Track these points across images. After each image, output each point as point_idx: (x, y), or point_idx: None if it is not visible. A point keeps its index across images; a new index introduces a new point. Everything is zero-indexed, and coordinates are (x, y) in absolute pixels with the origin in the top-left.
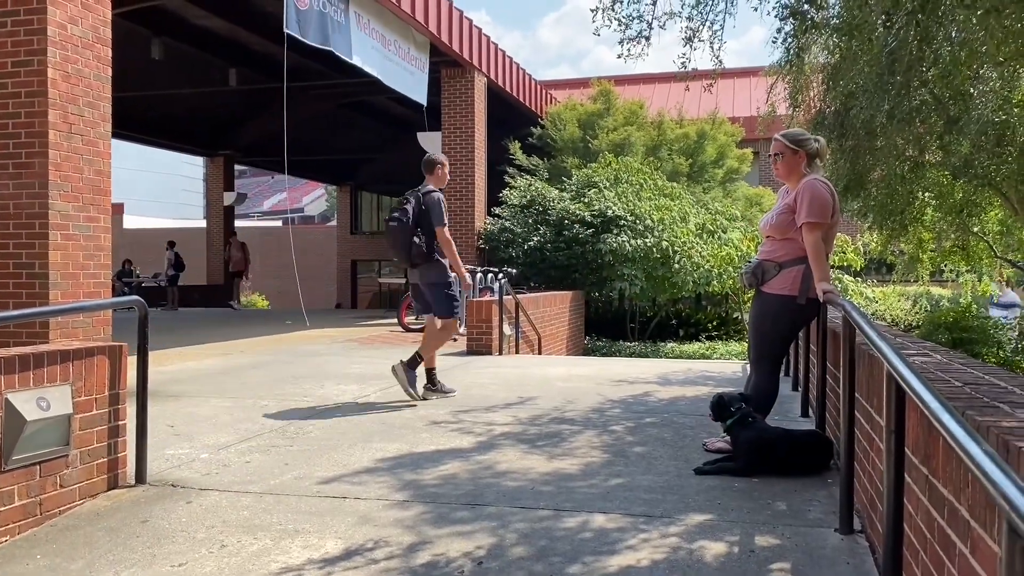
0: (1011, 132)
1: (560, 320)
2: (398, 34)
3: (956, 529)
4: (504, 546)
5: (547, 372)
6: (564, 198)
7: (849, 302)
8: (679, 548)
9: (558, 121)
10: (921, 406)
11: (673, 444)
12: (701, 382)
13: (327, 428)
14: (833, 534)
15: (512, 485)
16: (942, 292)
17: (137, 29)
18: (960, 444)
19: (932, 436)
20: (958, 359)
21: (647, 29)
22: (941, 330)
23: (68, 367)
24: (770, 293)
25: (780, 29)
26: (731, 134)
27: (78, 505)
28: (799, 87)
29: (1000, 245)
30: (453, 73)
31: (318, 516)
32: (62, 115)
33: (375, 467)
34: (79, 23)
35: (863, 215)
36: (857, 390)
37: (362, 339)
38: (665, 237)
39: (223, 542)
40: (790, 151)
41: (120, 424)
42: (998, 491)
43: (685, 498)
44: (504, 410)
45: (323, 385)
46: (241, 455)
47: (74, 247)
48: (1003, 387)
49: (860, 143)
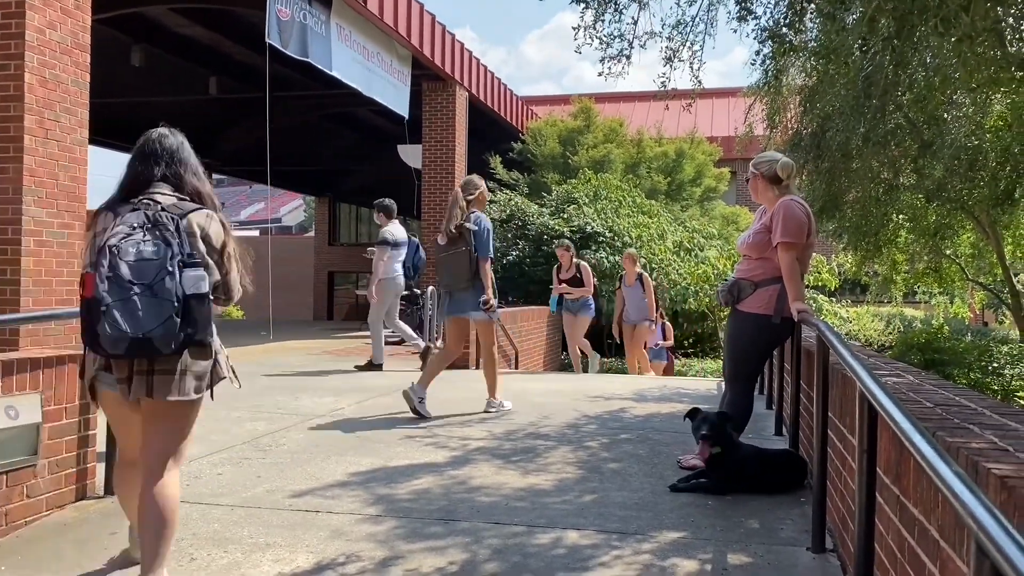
0: (983, 157)
1: (538, 335)
2: (380, 46)
3: (926, 549)
4: (477, 562)
5: (524, 387)
6: (543, 213)
7: (823, 322)
8: (652, 565)
9: (539, 137)
10: (893, 426)
11: (648, 461)
12: (676, 399)
13: (301, 441)
14: (805, 553)
15: (486, 500)
16: (915, 313)
17: (117, 36)
18: (931, 464)
19: (903, 456)
20: (930, 380)
21: (628, 48)
22: (913, 351)
23: (38, 375)
24: (746, 311)
25: (759, 51)
26: (709, 153)
27: (45, 516)
28: (776, 108)
29: (972, 268)
30: (434, 87)
31: (290, 530)
32: (38, 120)
33: (348, 481)
34: (58, 28)
35: (838, 236)
36: (830, 409)
37: (338, 351)
38: (643, 254)
39: (192, 555)
40: (753, 175)
41: (90, 434)
42: (967, 511)
43: (659, 515)
44: (479, 425)
45: (298, 398)
46: (213, 467)
47: (47, 254)
48: (974, 408)
49: (836, 165)
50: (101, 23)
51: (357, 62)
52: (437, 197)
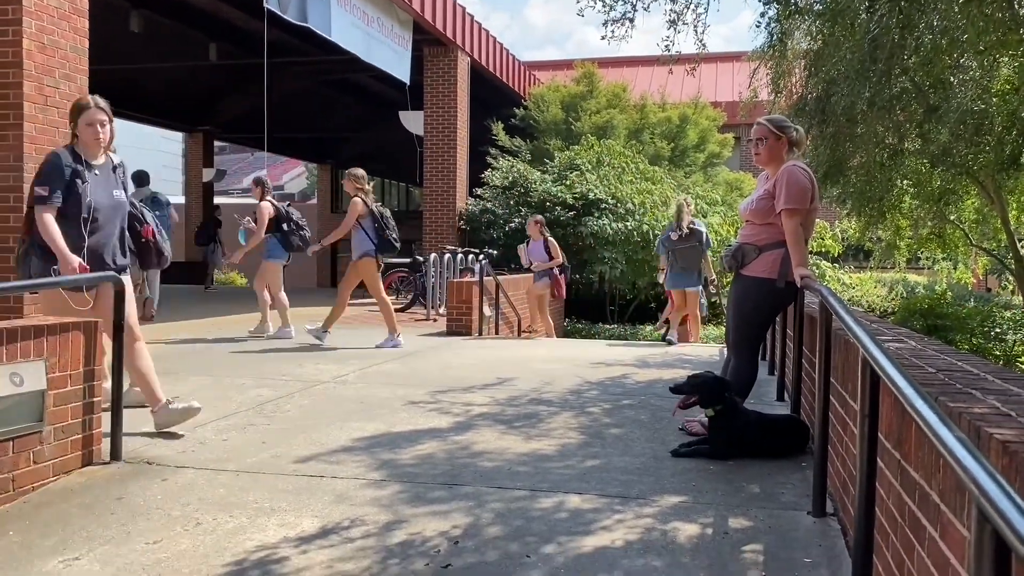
0: (989, 121)
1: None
2: (381, 10)
3: (926, 513)
4: (480, 525)
5: (526, 353)
6: (546, 180)
7: (826, 287)
8: (653, 529)
9: (541, 103)
10: (895, 391)
11: (650, 426)
12: (679, 365)
13: (305, 407)
14: (806, 517)
15: (489, 465)
16: (918, 279)
17: (115, 1)
18: (933, 429)
19: (905, 421)
20: (932, 345)
21: (631, 11)
22: (916, 316)
23: (43, 342)
24: (750, 276)
25: (764, 13)
26: (713, 119)
27: (52, 482)
28: (781, 73)
29: (976, 233)
30: (436, 52)
31: (295, 494)
32: (37, 87)
33: (352, 446)
34: None
35: (842, 201)
36: (832, 375)
37: (341, 319)
38: (646, 221)
39: (199, 520)
40: (774, 136)
41: (95, 400)
42: (969, 476)
43: (661, 480)
44: (482, 391)
45: (301, 364)
46: (218, 433)
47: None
48: (976, 374)
49: (840, 130)
50: None
51: (356, 27)
52: (439, 163)
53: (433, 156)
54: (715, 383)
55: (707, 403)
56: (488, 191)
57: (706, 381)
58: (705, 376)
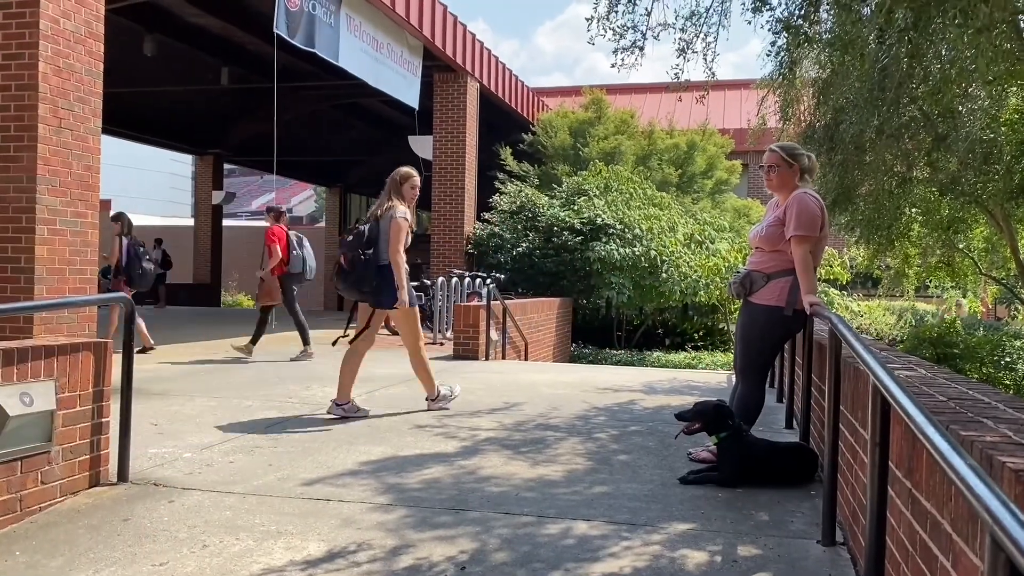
0: (998, 151)
1: (547, 327)
2: (391, 37)
3: (938, 543)
4: (487, 551)
5: (533, 378)
6: (554, 205)
7: (835, 315)
8: (661, 556)
9: (549, 128)
10: (906, 419)
11: (657, 453)
12: (686, 391)
13: (312, 430)
14: (815, 546)
15: (495, 490)
16: (927, 307)
17: (130, 25)
18: (945, 458)
19: (916, 449)
20: (942, 374)
21: (641, 39)
22: (925, 345)
23: (52, 363)
24: (758, 304)
25: (774, 43)
26: (721, 145)
27: (59, 502)
28: (790, 100)
29: (985, 262)
30: (446, 78)
31: (301, 518)
32: (52, 109)
33: (359, 470)
34: (72, 18)
35: (850, 229)
36: (842, 402)
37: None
38: (653, 246)
39: (205, 542)
40: (786, 164)
41: (103, 421)
42: (982, 505)
43: (669, 507)
44: (489, 415)
45: (309, 387)
46: (225, 455)
47: (61, 242)
48: (987, 402)
49: (849, 157)
50: (114, 12)
51: (366, 53)
52: (448, 187)
53: (442, 180)
54: (719, 410)
55: (712, 430)
56: (496, 215)
57: (710, 408)
58: (708, 403)
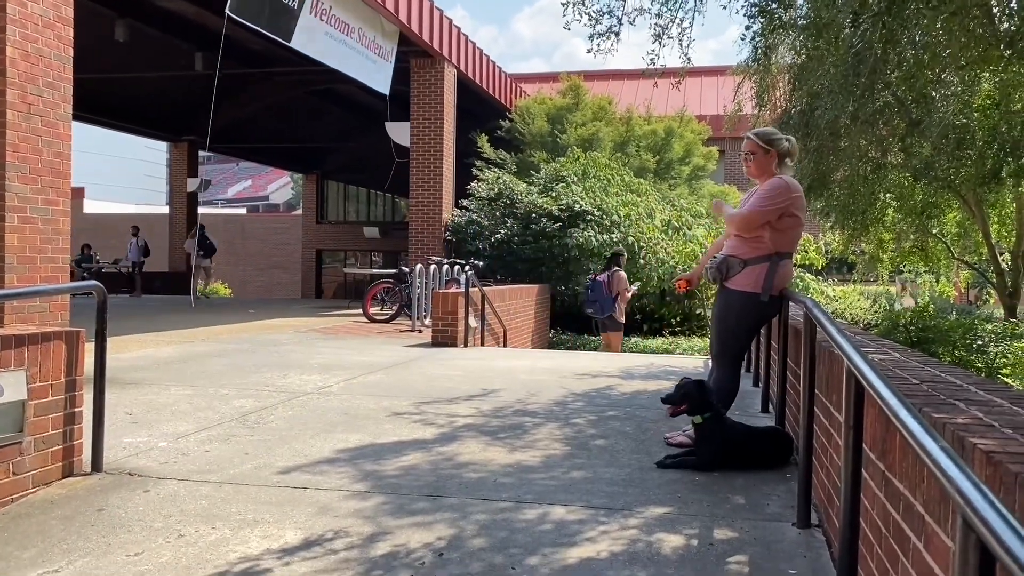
0: (971, 136)
1: (526, 313)
2: (364, 22)
3: (911, 524)
4: (464, 537)
5: (511, 365)
6: (532, 192)
7: (810, 299)
8: (638, 540)
9: (527, 115)
10: (880, 402)
11: (635, 438)
12: (663, 376)
13: (289, 418)
14: (791, 528)
15: (473, 476)
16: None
17: (101, 10)
18: (917, 440)
19: (890, 432)
20: (915, 357)
21: (617, 25)
22: (899, 329)
23: (23, 352)
24: (734, 289)
25: (748, 27)
26: (698, 132)
27: (31, 493)
28: (766, 86)
29: (957, 247)
30: (423, 63)
31: (278, 506)
32: (20, 95)
33: (336, 457)
34: (40, 1)
35: (825, 215)
36: (817, 386)
37: (326, 329)
38: (631, 233)
39: (181, 531)
40: (762, 150)
41: (76, 411)
42: (953, 486)
43: (646, 491)
44: (467, 402)
45: (286, 375)
46: (201, 444)
47: (31, 230)
48: (959, 385)
49: (824, 143)
50: None
51: (330, 36)
52: (425, 174)
53: (419, 167)
54: (700, 388)
55: (695, 411)
56: (474, 202)
57: (692, 389)
58: (690, 383)
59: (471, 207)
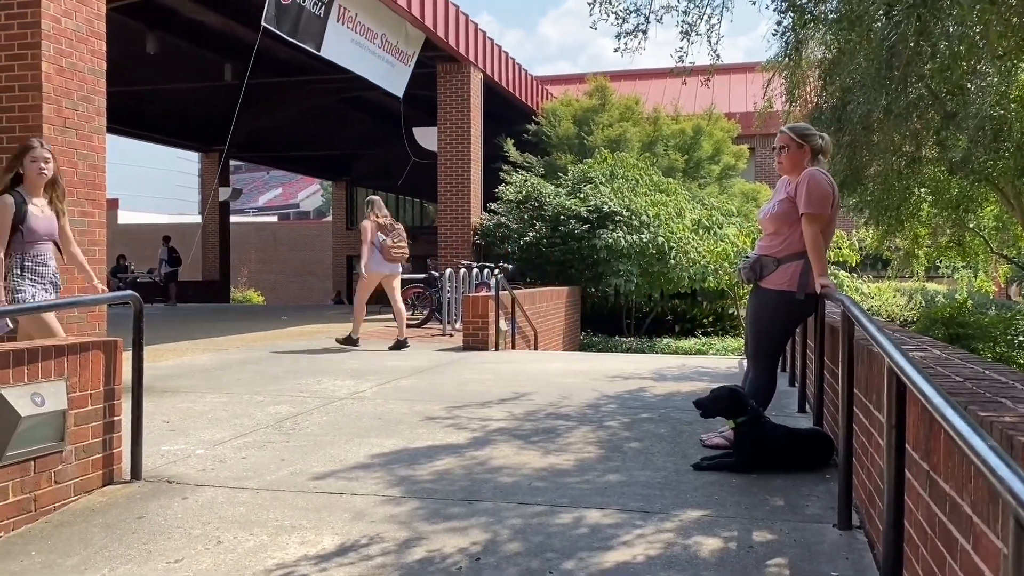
0: (1008, 127)
1: (556, 316)
2: (389, 28)
3: (958, 525)
4: (499, 542)
5: (543, 367)
6: (560, 194)
7: (848, 297)
8: (675, 544)
9: (553, 117)
10: (923, 401)
11: (670, 440)
12: (697, 378)
13: (323, 424)
14: (831, 530)
15: (507, 481)
16: (937, 288)
17: (132, 23)
18: (964, 439)
19: (934, 431)
20: (957, 354)
21: (644, 23)
22: (937, 325)
23: (63, 362)
24: (768, 288)
25: (779, 23)
26: (727, 130)
27: (73, 501)
28: (796, 82)
29: (996, 241)
30: (449, 68)
31: (314, 512)
32: (56, 109)
33: (371, 463)
34: (73, 17)
35: (859, 210)
36: (856, 385)
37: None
38: (661, 233)
39: (219, 538)
40: (795, 144)
41: (115, 420)
42: (1004, 486)
43: (682, 494)
44: (499, 406)
45: (319, 381)
46: (237, 451)
47: None
48: (1004, 382)
49: (857, 138)
50: (116, 11)
51: (355, 43)
52: (453, 178)
53: (447, 171)
54: (734, 395)
55: (731, 414)
56: (502, 205)
57: (725, 394)
58: (724, 389)
59: (499, 210)
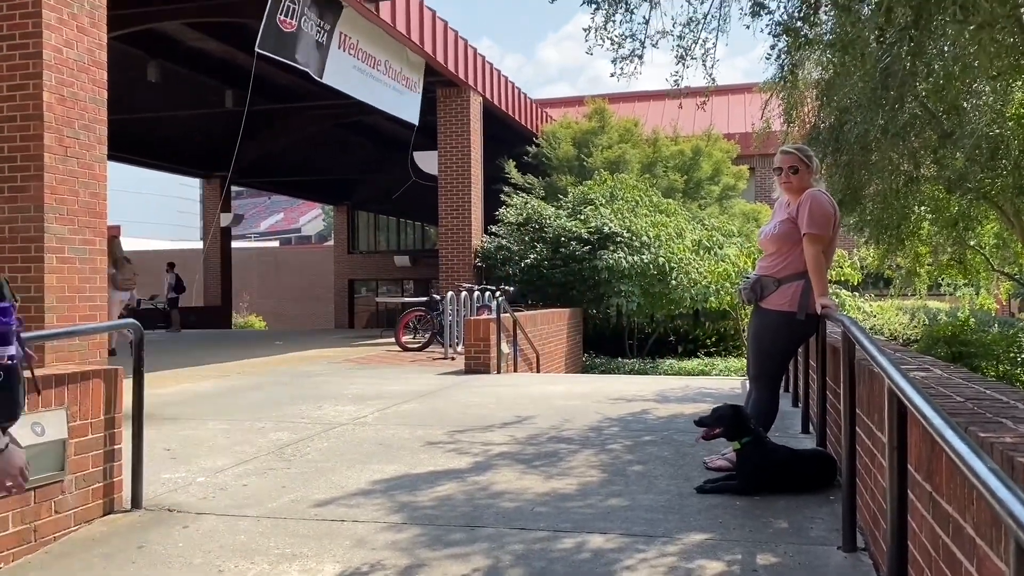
0: (1005, 145)
1: (558, 337)
2: (390, 54)
3: (961, 547)
4: (501, 568)
5: (545, 390)
6: (560, 215)
7: (848, 317)
8: (677, 568)
9: (553, 140)
10: (924, 422)
11: (673, 463)
12: (700, 399)
13: (324, 450)
14: (836, 552)
15: (509, 506)
16: (940, 306)
17: (133, 51)
18: (964, 461)
19: (935, 453)
20: (958, 374)
21: (639, 48)
22: (940, 344)
23: (63, 391)
24: (769, 309)
25: (774, 46)
26: (726, 151)
27: (73, 531)
28: (793, 103)
29: (997, 258)
30: (449, 93)
31: (315, 539)
32: (58, 138)
33: (372, 489)
34: (75, 46)
35: (859, 230)
36: (858, 406)
37: (359, 359)
38: (662, 253)
39: (220, 567)
40: (803, 164)
41: (116, 448)
42: (1004, 509)
43: (685, 517)
44: (501, 430)
45: (320, 406)
46: (238, 478)
47: (70, 270)
48: (1005, 402)
49: (855, 158)
50: (117, 40)
51: (359, 70)
52: (454, 201)
53: (448, 195)
54: (737, 414)
55: (732, 435)
56: (503, 228)
57: (727, 412)
58: (726, 407)
59: (500, 233)
